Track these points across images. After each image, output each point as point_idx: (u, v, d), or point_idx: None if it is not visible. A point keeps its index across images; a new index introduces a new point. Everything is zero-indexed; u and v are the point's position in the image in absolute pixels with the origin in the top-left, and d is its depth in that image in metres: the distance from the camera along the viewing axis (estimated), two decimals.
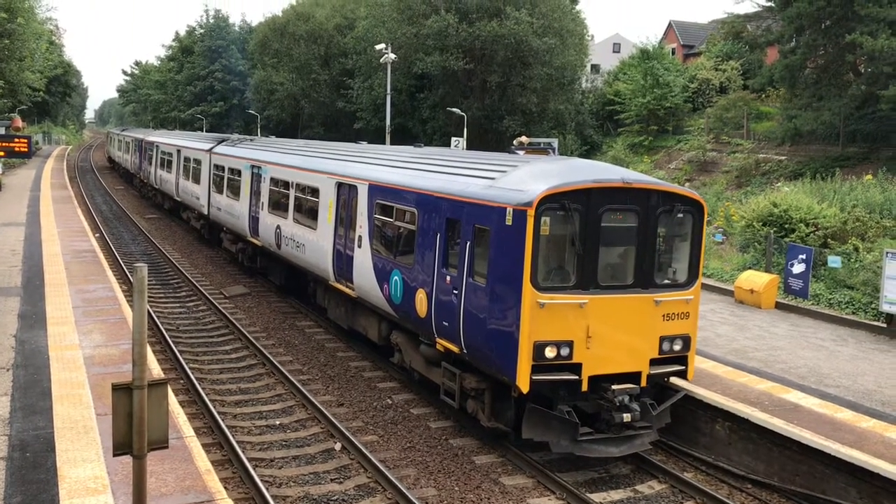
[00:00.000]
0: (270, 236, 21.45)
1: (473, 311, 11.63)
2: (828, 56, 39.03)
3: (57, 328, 14.59)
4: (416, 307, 13.38)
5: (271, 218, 21.53)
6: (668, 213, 11.71)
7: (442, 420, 13.70)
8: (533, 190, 10.88)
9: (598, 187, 11.10)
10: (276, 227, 20.97)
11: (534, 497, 11.00)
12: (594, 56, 74.15)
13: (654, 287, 11.65)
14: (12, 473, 8.78)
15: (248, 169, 24.11)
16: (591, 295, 11.08)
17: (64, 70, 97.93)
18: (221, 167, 27.35)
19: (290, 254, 19.97)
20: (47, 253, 22.41)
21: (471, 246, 11.80)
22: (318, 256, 18.04)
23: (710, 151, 46.72)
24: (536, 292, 10.70)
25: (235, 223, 25.18)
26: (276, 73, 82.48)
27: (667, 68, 56.22)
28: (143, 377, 6.09)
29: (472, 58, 59.40)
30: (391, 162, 16.29)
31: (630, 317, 11.40)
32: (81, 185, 55.65)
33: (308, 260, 18.76)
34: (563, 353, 10.91)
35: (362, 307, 16.35)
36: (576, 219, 10.99)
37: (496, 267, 11.21)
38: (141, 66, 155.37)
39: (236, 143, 28.50)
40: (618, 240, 11.55)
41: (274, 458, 11.97)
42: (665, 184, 12.31)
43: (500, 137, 58.47)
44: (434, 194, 13.11)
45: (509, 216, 10.92)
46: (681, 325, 11.84)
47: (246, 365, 16.48)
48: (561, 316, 10.87)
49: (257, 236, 22.85)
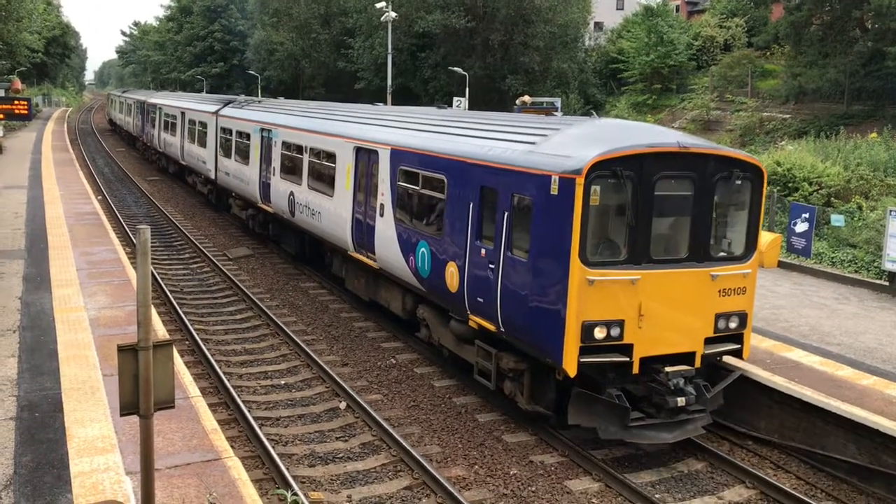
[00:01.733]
0: (283, 203, 20.64)
1: (513, 287, 10.88)
2: (834, 12, 38.56)
3: (62, 290, 14.66)
4: (446, 281, 12.63)
5: (284, 184, 20.69)
6: (726, 180, 10.86)
7: (445, 379, 13.82)
8: (582, 156, 10.00)
9: (653, 152, 10.24)
10: (290, 194, 20.12)
11: (536, 454, 11.13)
12: (597, 13, 73.25)
13: (710, 260, 10.86)
14: (21, 433, 8.89)
15: (257, 132, 23.09)
16: (644, 270, 10.29)
17: (62, 31, 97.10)
18: (229, 130, 26.38)
19: (305, 222, 19.20)
20: (50, 215, 22.42)
21: (509, 217, 11.02)
22: (335, 225, 17.29)
23: (714, 110, 46.42)
24: (585, 268, 9.90)
25: (245, 189, 24.28)
26: (276, 33, 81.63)
27: (671, 25, 55.65)
28: (147, 338, 6.13)
29: (473, 16, 58.75)
30: (415, 125, 15.31)
31: (685, 293, 10.61)
32: (83, 147, 55.45)
33: (324, 229, 18.00)
34: (614, 333, 10.16)
35: (384, 279, 15.64)
36: (628, 187, 10.11)
37: (539, 240, 10.43)
38: (140, 27, 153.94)
39: (244, 105, 27.42)
40: (672, 209, 10.73)
41: (279, 417, 12.10)
42: (723, 148, 11.49)
43: (502, 97, 58.06)
44: (466, 160, 12.24)
45: (555, 185, 10.10)
46: (737, 302, 11.07)
47: (250, 326, 16.57)
48: (611, 293, 10.11)
49: (269, 203, 21.98)
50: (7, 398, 9.81)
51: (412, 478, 10.30)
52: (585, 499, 10.05)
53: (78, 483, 7.75)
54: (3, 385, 10.21)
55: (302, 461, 10.69)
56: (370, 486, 10.10)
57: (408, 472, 10.46)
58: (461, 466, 10.71)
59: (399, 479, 10.29)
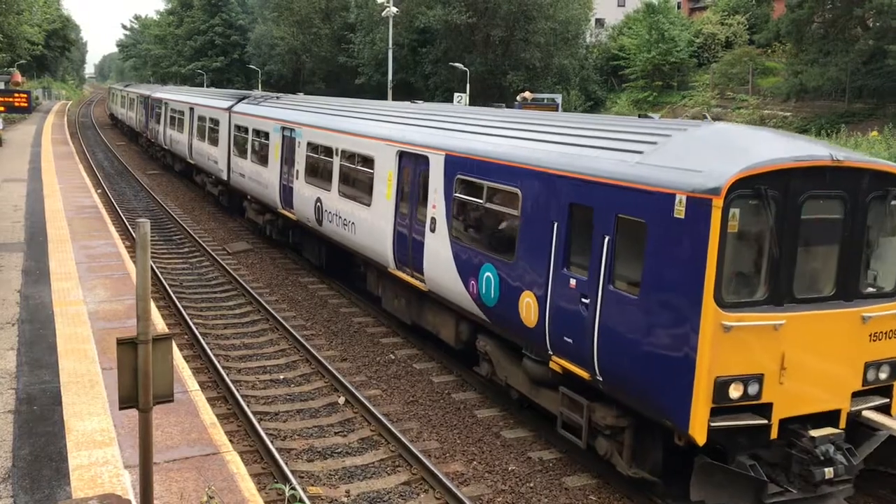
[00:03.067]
0: (308, 210, 18.68)
1: (616, 328, 9.08)
2: (835, 10, 38.56)
3: (61, 283, 14.65)
4: (519, 313, 10.78)
5: (309, 189, 18.73)
6: (881, 200, 9.06)
7: (444, 375, 13.82)
8: (718, 171, 8.17)
9: (801, 167, 8.45)
10: (316, 201, 18.18)
11: (534, 450, 11.14)
12: (599, 10, 73.23)
13: (860, 298, 9.05)
14: (20, 426, 8.89)
15: (277, 131, 21.07)
16: (788, 312, 8.47)
17: (62, 24, 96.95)
18: (244, 128, 24.30)
19: (335, 232, 17.27)
20: (50, 209, 22.41)
21: (611, 243, 9.19)
22: (372, 238, 15.40)
23: (715, 107, 46.44)
24: (720, 311, 8.05)
25: (263, 192, 22.18)
26: (277, 28, 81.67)
27: (672, 22, 55.63)
28: (147, 332, 6.13)
29: (474, 11, 58.69)
30: (472, 127, 13.25)
31: (832, 339, 8.80)
32: (83, 140, 55.40)
33: (358, 241, 16.10)
34: (752, 391, 8.38)
35: (433, 302, 13.76)
36: (771, 210, 8.30)
37: (657, 274, 8.61)
38: (140, 21, 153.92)
39: (260, 101, 25.27)
40: (819, 237, 8.91)
41: (278, 411, 12.11)
42: (879, 161, 9.53)
43: (503, 93, 58.05)
44: (549, 171, 10.34)
45: (680, 206, 8.31)
46: (889, 347, 9.27)
47: (250, 320, 16.57)
48: (750, 342, 8.34)
49: (290, 209, 20.05)
50: (6, 391, 9.81)
51: (410, 473, 10.30)
52: (583, 495, 10.05)
53: (76, 476, 7.75)
54: (1, 378, 10.21)
55: (300, 456, 10.69)
56: (368, 481, 10.10)
57: (406, 467, 10.47)
58: (459, 462, 10.72)
59: (397, 475, 10.30)
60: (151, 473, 6.52)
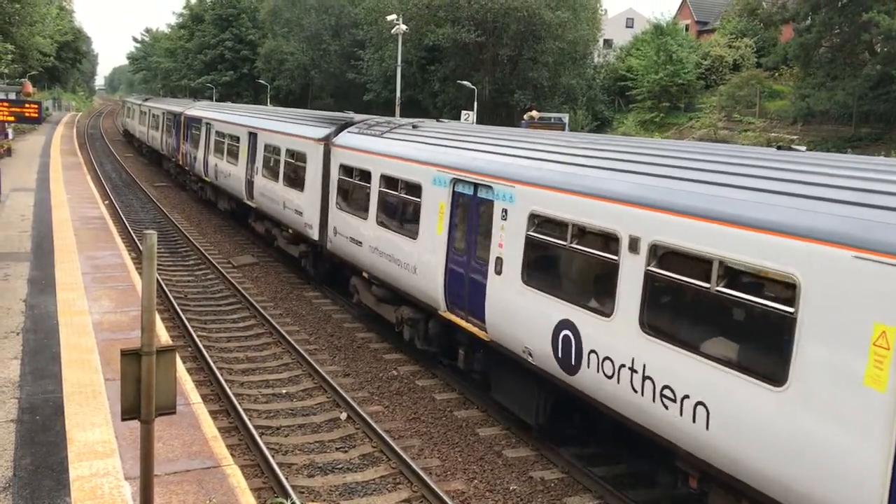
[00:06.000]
0: (531, 335, 11.72)
1: None
2: (843, 35, 38.71)
3: (66, 294, 14.68)
4: None
5: (538, 301, 11.51)
6: None
7: (447, 392, 13.79)
8: None
9: None
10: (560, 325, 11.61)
11: (536, 470, 11.08)
12: (607, 31, 73.65)
13: None
14: (22, 436, 8.89)
15: (442, 185, 13.29)
16: None
17: (74, 36, 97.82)
18: (359, 172, 16.71)
19: None
20: (57, 219, 22.50)
21: None
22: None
23: (722, 129, 46.52)
24: None
25: (407, 278, 14.30)
26: (287, 43, 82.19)
27: (680, 44, 55.86)
28: (151, 344, 6.14)
29: (483, 30, 59.04)
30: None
31: None
32: (91, 151, 55.69)
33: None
34: None
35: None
36: None
37: None
38: (151, 34, 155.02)
39: (385, 133, 16.78)
40: None
41: (280, 426, 12.08)
42: None
43: (510, 112, 58.30)
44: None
45: None
46: None
47: (253, 334, 16.57)
48: None
49: (481, 321, 12.67)
50: (8, 400, 9.82)
51: (411, 490, 10.26)
52: None
53: (77, 487, 7.74)
54: (4, 387, 10.23)
55: (301, 471, 10.66)
56: (369, 498, 10.06)
57: (407, 484, 10.43)
58: (461, 480, 10.67)
59: (398, 492, 10.25)
60: (152, 486, 6.51)
